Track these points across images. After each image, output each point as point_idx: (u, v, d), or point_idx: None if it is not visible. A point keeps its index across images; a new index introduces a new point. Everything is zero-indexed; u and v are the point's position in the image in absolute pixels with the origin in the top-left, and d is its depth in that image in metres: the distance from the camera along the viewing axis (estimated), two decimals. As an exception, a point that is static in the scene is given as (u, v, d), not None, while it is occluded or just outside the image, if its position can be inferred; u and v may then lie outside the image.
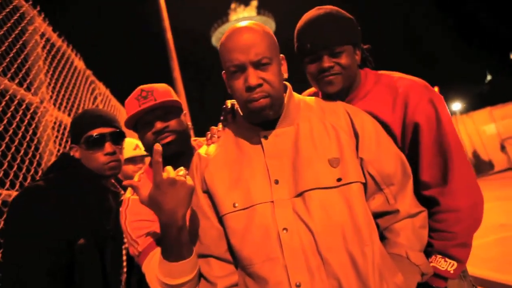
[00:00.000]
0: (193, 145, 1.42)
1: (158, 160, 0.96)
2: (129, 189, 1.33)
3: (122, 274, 1.54)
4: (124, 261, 1.58)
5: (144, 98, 1.28)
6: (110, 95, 4.46)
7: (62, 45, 3.09)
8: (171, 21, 8.72)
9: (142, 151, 2.45)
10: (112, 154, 1.41)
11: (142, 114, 1.27)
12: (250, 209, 1.00)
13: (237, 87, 1.01)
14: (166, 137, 1.27)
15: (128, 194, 1.32)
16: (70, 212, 1.28)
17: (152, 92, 1.30)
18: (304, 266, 0.93)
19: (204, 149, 1.18)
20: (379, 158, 1.05)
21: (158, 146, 0.98)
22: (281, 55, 1.08)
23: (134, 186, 1.03)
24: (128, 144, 2.45)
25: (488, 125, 12.86)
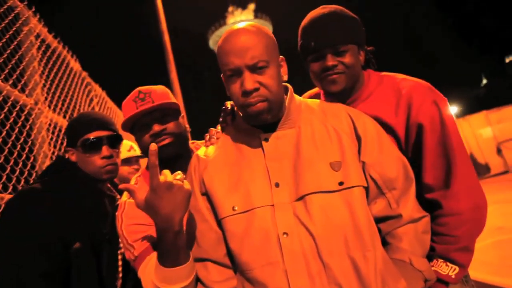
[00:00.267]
0: (191, 148, 1.40)
1: (155, 163, 0.94)
2: (125, 192, 1.31)
3: (118, 279, 1.52)
4: (120, 266, 1.55)
5: (141, 100, 1.26)
6: (107, 97, 4.43)
7: (58, 46, 3.06)
8: (169, 23, 8.71)
9: (137, 152, 2.47)
10: (109, 158, 1.40)
11: (140, 116, 1.26)
12: (249, 212, 0.98)
13: (234, 91, 1.00)
14: (163, 139, 1.25)
15: (124, 197, 1.30)
16: (66, 215, 1.27)
17: (149, 94, 1.28)
18: (304, 271, 0.91)
19: (202, 150, 1.16)
20: (382, 162, 1.03)
21: (154, 146, 0.95)
22: (280, 57, 1.06)
23: (130, 190, 1.01)
24: (122, 145, 2.43)
25: (484, 128, 12.93)
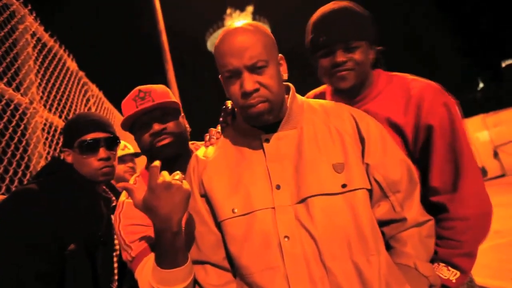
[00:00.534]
0: (191, 148, 1.37)
1: (156, 164, 0.92)
2: (123, 192, 1.29)
3: (114, 281, 1.49)
4: (115, 268, 1.52)
5: (141, 99, 1.25)
6: (103, 98, 4.39)
7: (54, 45, 3.02)
8: (167, 24, 8.69)
9: (131, 150, 2.48)
10: (106, 160, 1.38)
11: (139, 115, 1.24)
12: (250, 215, 0.95)
13: (233, 93, 0.97)
14: (163, 139, 1.23)
15: (122, 197, 1.29)
16: (61, 216, 1.25)
17: (149, 93, 1.27)
18: (306, 276, 0.88)
19: (202, 151, 1.13)
20: (386, 164, 1.01)
21: (157, 165, 0.93)
22: (280, 55, 1.03)
23: (128, 189, 0.99)
24: None
25: (481, 132, 12.96)
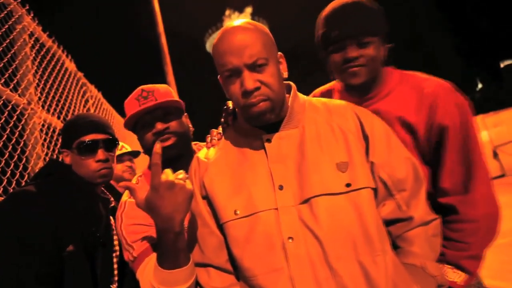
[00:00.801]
0: (193, 149, 1.36)
1: (157, 161, 0.90)
2: (126, 191, 1.28)
3: (114, 282, 1.48)
4: (115, 269, 1.52)
5: (144, 98, 1.25)
6: (102, 99, 4.38)
7: (53, 46, 3.00)
8: (166, 25, 8.68)
9: (128, 149, 2.49)
10: (104, 161, 1.37)
11: (142, 114, 1.23)
12: (252, 216, 0.93)
13: (233, 92, 0.96)
14: (166, 139, 1.22)
15: (125, 197, 1.28)
16: (59, 217, 1.23)
17: (152, 92, 1.26)
18: (311, 278, 0.86)
19: (203, 152, 1.12)
20: (391, 162, 0.99)
21: (159, 147, 0.93)
22: (279, 53, 1.02)
23: (130, 188, 0.98)
24: None
25: (480, 132, 12.99)
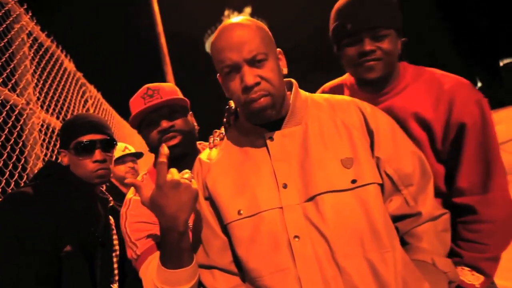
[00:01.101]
0: (198, 148, 1.36)
1: (163, 161, 0.89)
2: (131, 189, 1.30)
3: (114, 282, 1.47)
4: (115, 268, 1.50)
5: (150, 97, 1.25)
6: (102, 99, 4.35)
7: (51, 45, 2.98)
8: (165, 26, 8.67)
9: (131, 150, 2.49)
10: (101, 162, 1.36)
11: (148, 112, 1.24)
12: (256, 216, 0.92)
13: (233, 89, 0.94)
14: (171, 137, 1.22)
15: (130, 194, 1.29)
16: (57, 218, 1.23)
17: (158, 90, 1.27)
18: (318, 277, 0.85)
19: (205, 153, 1.10)
20: (397, 157, 0.97)
21: (165, 148, 0.92)
22: (278, 50, 1.01)
23: (136, 186, 0.97)
24: (117, 147, 2.42)
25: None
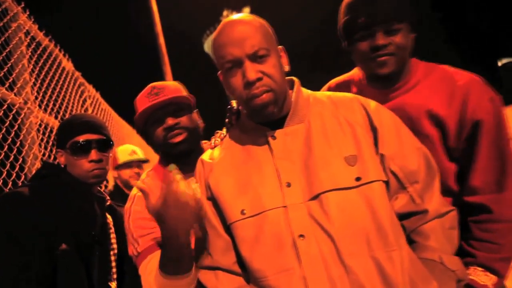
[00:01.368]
0: (203, 147, 1.36)
1: (171, 169, 0.89)
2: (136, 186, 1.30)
3: (112, 281, 1.46)
4: (113, 267, 1.50)
5: (155, 95, 1.26)
6: (100, 98, 4.33)
7: (49, 44, 2.95)
8: (164, 26, 8.65)
9: (139, 156, 2.50)
10: (97, 162, 1.36)
11: (153, 110, 1.24)
12: (260, 215, 0.91)
13: (235, 85, 0.93)
14: (177, 134, 1.23)
15: (134, 190, 1.31)
16: (53, 217, 1.23)
17: (163, 89, 1.28)
18: (324, 276, 0.83)
19: (207, 154, 1.09)
20: (401, 154, 0.95)
21: (172, 169, 0.92)
22: (279, 47, 1.00)
23: (144, 191, 0.96)
24: (124, 149, 2.48)
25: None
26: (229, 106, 1.19)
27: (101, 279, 1.35)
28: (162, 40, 8.50)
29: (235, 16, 0.98)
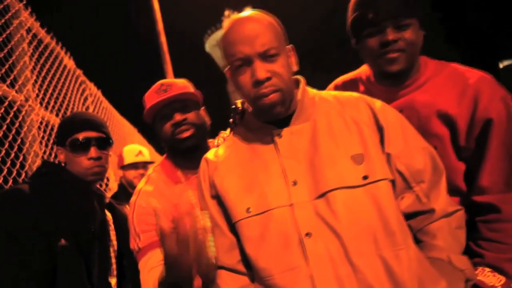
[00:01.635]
0: (209, 145, 1.37)
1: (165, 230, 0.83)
2: (143, 179, 1.37)
3: (112, 277, 1.49)
4: (113, 263, 1.52)
5: (164, 92, 1.29)
6: (102, 97, 4.32)
7: (51, 42, 2.94)
8: (165, 25, 8.64)
9: (145, 158, 2.49)
10: (96, 159, 1.37)
11: (162, 105, 1.28)
12: (265, 214, 0.90)
13: (243, 83, 0.93)
14: (184, 130, 1.26)
15: (140, 184, 1.34)
16: (52, 215, 1.23)
17: (171, 86, 1.31)
18: (332, 275, 0.82)
19: (212, 152, 1.08)
20: (407, 153, 0.94)
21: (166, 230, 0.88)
22: (289, 46, 0.98)
23: (157, 213, 0.92)
24: (130, 150, 2.49)
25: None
26: (233, 106, 1.19)
27: (101, 275, 1.36)
28: (163, 38, 8.48)
29: (246, 12, 0.96)
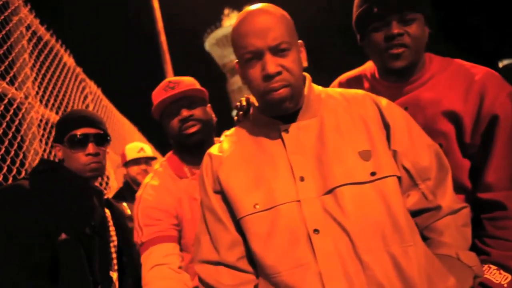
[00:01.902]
0: (215, 142, 1.37)
1: None
2: (149, 174, 1.42)
3: (113, 271, 1.48)
4: (114, 258, 1.52)
5: (171, 89, 1.32)
6: (102, 95, 4.30)
7: (51, 39, 2.93)
8: (165, 24, 8.63)
9: (147, 154, 2.54)
10: (94, 155, 1.38)
11: (169, 102, 1.31)
12: (273, 210, 0.88)
13: (253, 77, 0.91)
14: (191, 125, 1.30)
15: (147, 179, 1.39)
16: (51, 211, 1.23)
17: (178, 83, 1.35)
18: (340, 272, 0.81)
19: (216, 147, 1.07)
20: (413, 150, 0.94)
21: None
22: (299, 41, 0.97)
23: None
24: (132, 147, 2.55)
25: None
26: (238, 103, 1.19)
27: (102, 269, 1.36)
28: (163, 37, 8.47)
29: (258, 5, 0.95)
